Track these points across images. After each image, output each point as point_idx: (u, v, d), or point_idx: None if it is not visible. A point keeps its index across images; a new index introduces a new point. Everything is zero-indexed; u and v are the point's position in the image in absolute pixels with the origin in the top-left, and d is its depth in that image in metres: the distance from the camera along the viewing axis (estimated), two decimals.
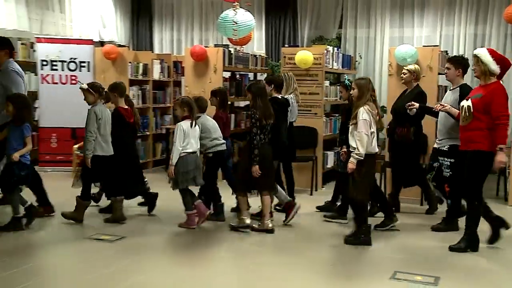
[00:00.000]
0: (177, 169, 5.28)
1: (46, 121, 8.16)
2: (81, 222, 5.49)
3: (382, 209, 5.55)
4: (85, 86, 5.49)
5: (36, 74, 8.35)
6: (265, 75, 9.31)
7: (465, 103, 4.72)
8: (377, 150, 4.98)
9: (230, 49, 7.98)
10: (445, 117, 5.25)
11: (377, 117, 4.94)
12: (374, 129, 4.87)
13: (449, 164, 5.27)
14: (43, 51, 8.28)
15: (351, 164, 4.80)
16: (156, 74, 8.94)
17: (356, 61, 9.45)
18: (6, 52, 5.69)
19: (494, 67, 4.64)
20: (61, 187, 6.54)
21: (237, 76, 8.64)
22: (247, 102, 9.10)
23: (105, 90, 5.69)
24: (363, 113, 4.78)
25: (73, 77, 8.24)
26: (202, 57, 7.63)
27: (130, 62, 8.39)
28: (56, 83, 8.19)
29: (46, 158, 8.14)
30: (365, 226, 4.99)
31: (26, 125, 5.22)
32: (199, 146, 5.47)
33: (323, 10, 10.08)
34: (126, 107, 5.89)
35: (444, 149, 5.30)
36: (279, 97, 6.01)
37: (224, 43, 8.71)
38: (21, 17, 8.43)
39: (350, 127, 4.93)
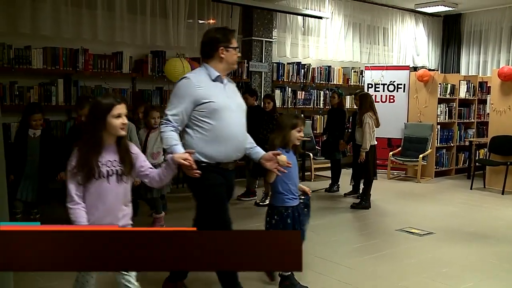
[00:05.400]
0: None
1: None
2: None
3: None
4: None
5: None
6: None
7: None
8: (375, 142, 6.21)
9: None
10: None
11: (376, 120, 6.12)
12: (374, 128, 6.07)
13: None
14: (369, 76, 9.18)
15: (362, 156, 5.98)
16: (462, 93, 8.96)
17: None
18: None
19: None
20: (381, 185, 7.27)
21: None
22: None
23: None
24: (367, 118, 6.00)
25: (391, 97, 8.91)
26: (510, 77, 7.50)
27: (439, 84, 8.59)
28: (378, 101, 8.78)
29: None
30: (368, 196, 6.16)
31: None
32: None
33: None
34: None
35: None
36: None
37: None
38: (355, 51, 9.60)
39: (357, 128, 6.18)
